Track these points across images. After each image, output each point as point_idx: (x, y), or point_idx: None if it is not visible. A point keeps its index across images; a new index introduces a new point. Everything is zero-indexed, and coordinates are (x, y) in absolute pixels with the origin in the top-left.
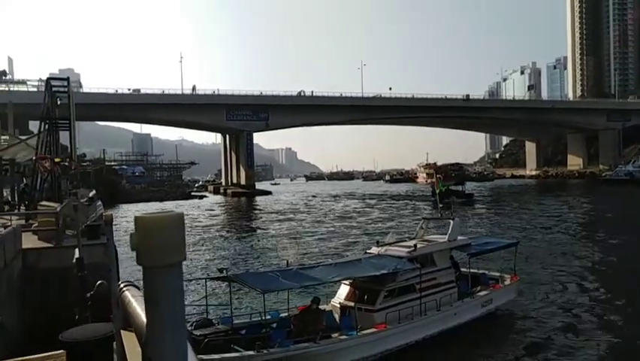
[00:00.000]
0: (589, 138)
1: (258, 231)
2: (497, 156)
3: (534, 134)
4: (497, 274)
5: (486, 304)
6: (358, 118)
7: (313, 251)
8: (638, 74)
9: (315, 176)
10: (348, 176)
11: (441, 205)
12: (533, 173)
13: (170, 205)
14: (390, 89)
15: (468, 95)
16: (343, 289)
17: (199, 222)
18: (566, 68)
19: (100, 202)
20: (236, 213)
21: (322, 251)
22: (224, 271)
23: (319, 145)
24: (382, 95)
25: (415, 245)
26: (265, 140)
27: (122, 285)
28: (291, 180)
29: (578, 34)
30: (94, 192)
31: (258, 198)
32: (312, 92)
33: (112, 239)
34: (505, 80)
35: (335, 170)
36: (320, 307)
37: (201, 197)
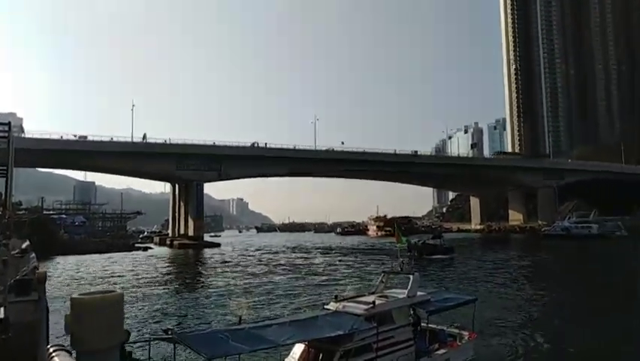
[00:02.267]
0: (528, 195)
1: (207, 285)
2: (444, 210)
3: (478, 189)
4: (456, 330)
5: None
6: (311, 171)
7: (268, 305)
8: (568, 136)
9: (267, 227)
10: (300, 228)
11: (401, 259)
12: (478, 227)
13: (111, 257)
14: (343, 143)
15: (416, 151)
16: (297, 349)
17: (142, 275)
18: (505, 129)
19: (33, 254)
20: (183, 266)
21: (277, 306)
22: (170, 332)
23: (272, 196)
24: (335, 149)
25: (374, 301)
26: (216, 190)
27: (51, 349)
28: (240, 232)
29: (514, 98)
30: (27, 242)
31: (207, 251)
32: (266, 143)
33: (44, 298)
34: (450, 138)
35: (287, 221)
36: None
37: (146, 248)
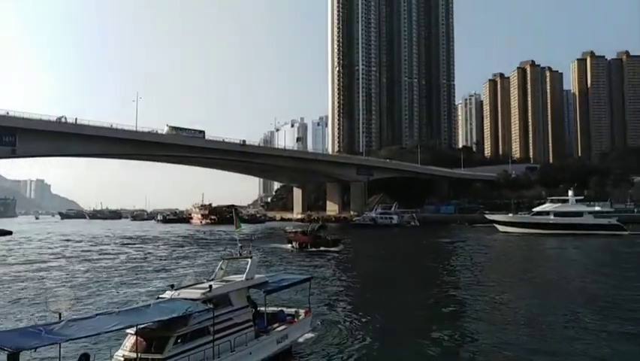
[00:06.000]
0: (343, 188)
1: (6, 281)
2: (269, 199)
3: (301, 181)
4: (293, 310)
5: (281, 340)
6: (130, 153)
7: (94, 300)
8: (378, 137)
9: (74, 214)
10: (115, 215)
11: (240, 244)
12: (299, 216)
13: None
14: (168, 125)
15: (244, 141)
16: (128, 341)
17: None
18: (327, 126)
19: None
20: None
21: (106, 300)
22: None
23: (81, 179)
24: (158, 132)
25: (211, 286)
26: (8, 168)
27: None
28: (37, 218)
29: (337, 98)
30: None
31: None
32: (76, 119)
33: None
34: (278, 130)
35: (99, 207)
36: None
37: None
